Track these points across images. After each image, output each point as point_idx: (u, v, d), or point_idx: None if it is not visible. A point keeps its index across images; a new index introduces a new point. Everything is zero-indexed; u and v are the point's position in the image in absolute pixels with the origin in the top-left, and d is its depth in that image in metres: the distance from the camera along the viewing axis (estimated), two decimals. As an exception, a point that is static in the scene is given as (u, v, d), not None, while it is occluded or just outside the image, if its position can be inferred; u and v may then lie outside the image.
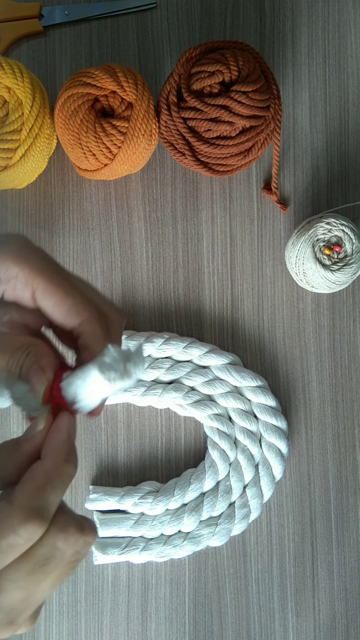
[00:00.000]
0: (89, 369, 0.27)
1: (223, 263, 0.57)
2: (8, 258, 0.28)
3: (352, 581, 0.56)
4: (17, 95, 0.49)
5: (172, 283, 0.57)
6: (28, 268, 0.29)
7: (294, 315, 0.57)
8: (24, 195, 0.57)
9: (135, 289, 0.57)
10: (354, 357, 0.57)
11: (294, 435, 0.57)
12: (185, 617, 0.56)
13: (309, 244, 0.52)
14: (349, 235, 0.51)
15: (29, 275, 0.29)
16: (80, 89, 0.49)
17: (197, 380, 0.55)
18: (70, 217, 0.57)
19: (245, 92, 0.49)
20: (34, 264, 0.29)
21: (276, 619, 0.56)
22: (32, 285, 0.29)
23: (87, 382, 0.28)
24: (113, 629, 0.55)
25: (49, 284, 0.29)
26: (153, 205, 0.57)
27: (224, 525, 0.54)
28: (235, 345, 0.57)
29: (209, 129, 0.50)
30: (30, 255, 0.29)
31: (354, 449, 0.57)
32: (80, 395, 0.28)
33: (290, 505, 0.57)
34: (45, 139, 0.51)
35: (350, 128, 0.58)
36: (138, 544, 0.54)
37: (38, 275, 0.29)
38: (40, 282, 0.29)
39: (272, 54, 0.58)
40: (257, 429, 0.55)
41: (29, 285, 0.29)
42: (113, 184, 0.57)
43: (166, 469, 0.57)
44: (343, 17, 0.58)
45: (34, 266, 0.29)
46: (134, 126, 0.49)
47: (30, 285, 0.29)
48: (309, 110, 0.58)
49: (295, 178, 0.58)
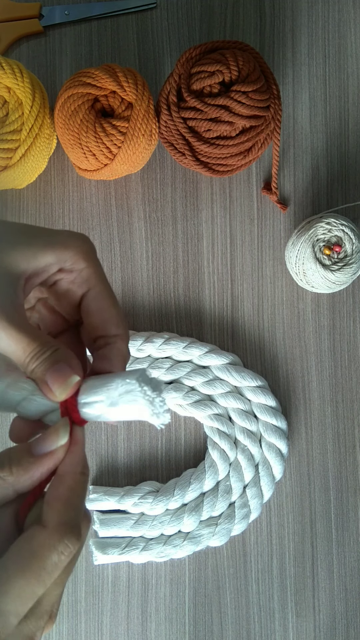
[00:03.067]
0: (124, 381, 0.27)
1: (223, 263, 0.57)
2: (80, 252, 0.30)
3: (352, 581, 0.56)
4: (17, 95, 0.49)
5: (172, 283, 0.57)
6: (93, 268, 0.31)
7: (294, 315, 0.57)
8: (24, 195, 0.57)
9: (135, 289, 0.57)
10: (354, 357, 0.57)
11: (294, 435, 0.57)
12: (185, 617, 0.56)
13: (309, 244, 0.52)
14: (349, 235, 0.51)
15: (92, 274, 0.30)
16: (80, 89, 0.49)
17: (197, 380, 0.55)
18: (70, 217, 0.57)
19: (245, 92, 0.49)
20: (98, 267, 0.31)
21: (276, 619, 0.56)
22: (90, 284, 0.31)
23: (116, 393, 0.27)
24: (113, 629, 0.55)
25: (104, 289, 0.31)
26: (153, 205, 0.57)
27: (224, 525, 0.54)
28: (235, 345, 0.57)
29: (209, 129, 0.50)
30: (96, 259, 0.31)
31: (354, 449, 0.57)
32: (103, 407, 0.27)
33: (290, 505, 0.57)
34: (45, 139, 0.51)
35: (350, 128, 0.58)
36: (138, 544, 0.54)
37: (99, 277, 0.31)
38: (99, 284, 0.31)
39: (272, 54, 0.58)
40: (257, 429, 0.55)
41: (86, 284, 0.31)
42: (113, 184, 0.57)
43: (166, 469, 0.57)
44: (343, 17, 0.58)
45: (98, 269, 0.31)
46: (134, 126, 0.49)
47: (88, 284, 0.31)
48: (309, 110, 0.58)
49: (295, 178, 0.58)
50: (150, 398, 0.27)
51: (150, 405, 0.26)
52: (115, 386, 0.27)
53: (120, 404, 0.27)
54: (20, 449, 0.28)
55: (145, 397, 0.26)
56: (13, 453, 0.27)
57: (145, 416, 0.27)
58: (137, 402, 0.27)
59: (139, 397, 0.26)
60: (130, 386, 0.27)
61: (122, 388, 0.27)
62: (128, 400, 0.27)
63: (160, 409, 0.27)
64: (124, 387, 0.27)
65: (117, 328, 0.31)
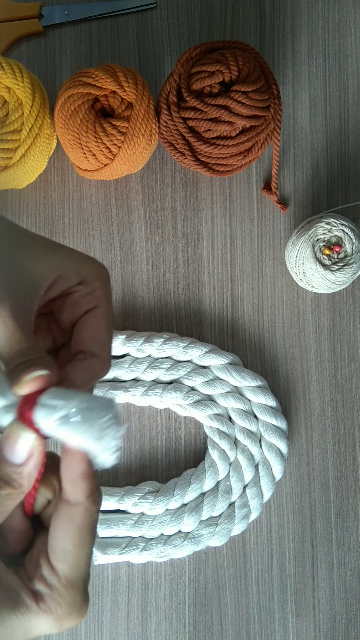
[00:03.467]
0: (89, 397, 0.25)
1: (223, 263, 0.57)
2: (98, 272, 0.31)
3: (352, 581, 0.56)
4: (17, 95, 0.49)
5: (172, 283, 0.57)
6: (106, 290, 0.31)
7: (294, 315, 0.57)
8: (24, 195, 0.57)
9: (135, 289, 0.57)
10: (354, 357, 0.57)
11: (294, 435, 0.57)
12: (185, 617, 0.56)
13: (309, 244, 0.52)
14: (349, 235, 0.51)
15: (103, 295, 0.31)
16: (80, 89, 0.49)
17: (197, 380, 0.55)
18: (70, 217, 0.57)
19: (245, 92, 0.49)
20: (110, 292, 0.32)
21: (276, 619, 0.56)
22: (98, 303, 0.31)
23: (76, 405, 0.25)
24: (113, 629, 0.55)
25: (107, 313, 0.31)
26: (153, 205, 0.57)
27: (224, 525, 0.54)
28: (235, 345, 0.57)
29: (209, 129, 0.50)
30: (107, 282, 0.32)
31: (354, 449, 0.57)
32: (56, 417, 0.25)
33: (290, 505, 0.57)
34: (45, 139, 0.51)
35: (350, 128, 0.58)
36: (138, 544, 0.54)
37: (108, 300, 0.31)
38: (105, 306, 0.31)
39: (272, 54, 0.58)
40: (257, 429, 0.55)
41: (95, 301, 0.31)
42: (113, 184, 0.57)
43: (166, 469, 0.57)
44: (343, 17, 0.58)
45: (109, 294, 0.32)
46: (134, 126, 0.49)
47: (97, 302, 0.31)
48: (309, 110, 0.58)
49: (295, 178, 0.58)
50: (107, 426, 0.25)
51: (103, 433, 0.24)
52: (80, 399, 0.25)
53: (73, 419, 0.25)
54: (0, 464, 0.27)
55: (103, 423, 0.24)
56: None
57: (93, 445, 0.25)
58: (92, 424, 0.24)
59: (96, 419, 0.24)
60: (93, 403, 0.25)
61: (85, 403, 0.25)
62: (84, 417, 0.25)
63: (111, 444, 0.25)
64: (88, 403, 0.25)
65: (102, 350, 0.31)
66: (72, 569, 0.27)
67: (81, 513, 0.27)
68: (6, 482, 0.27)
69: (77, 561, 0.27)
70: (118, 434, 0.25)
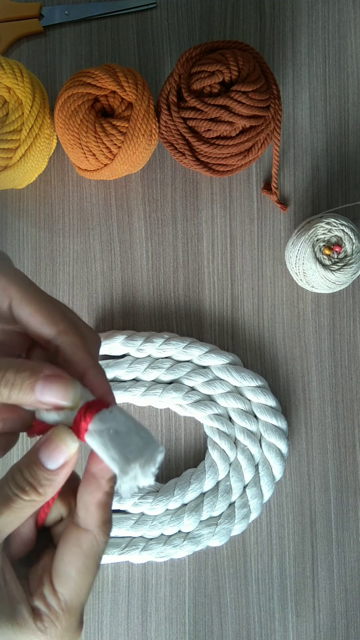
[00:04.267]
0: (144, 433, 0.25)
1: (223, 263, 0.57)
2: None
3: (352, 581, 0.56)
4: (17, 95, 0.49)
5: (172, 283, 0.57)
6: (5, 278, 0.29)
7: (294, 315, 0.57)
8: (24, 195, 0.57)
9: (135, 289, 0.57)
10: (354, 357, 0.57)
11: (294, 435, 0.57)
12: (185, 617, 0.56)
13: (309, 244, 0.52)
14: (349, 235, 0.51)
15: (6, 283, 0.29)
16: (80, 89, 0.49)
17: (197, 380, 0.55)
18: (70, 217, 0.57)
19: (245, 92, 0.49)
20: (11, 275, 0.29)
21: (276, 619, 0.56)
22: (9, 294, 0.29)
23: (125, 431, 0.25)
24: (113, 629, 0.55)
25: (25, 293, 0.29)
26: (153, 205, 0.57)
27: (224, 525, 0.54)
28: (235, 345, 0.57)
29: (209, 129, 0.50)
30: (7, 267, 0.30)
31: (354, 449, 0.57)
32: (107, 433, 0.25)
33: (290, 505, 0.57)
34: (45, 139, 0.51)
35: (350, 128, 0.58)
36: (138, 544, 0.54)
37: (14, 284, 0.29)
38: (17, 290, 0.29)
39: (272, 54, 0.58)
40: (257, 429, 0.55)
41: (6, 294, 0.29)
42: (113, 184, 0.57)
43: (166, 469, 0.57)
44: (343, 17, 0.58)
45: (11, 277, 0.29)
46: (134, 126, 0.49)
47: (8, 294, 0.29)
48: (309, 110, 0.58)
49: (295, 178, 0.58)
50: (147, 460, 0.24)
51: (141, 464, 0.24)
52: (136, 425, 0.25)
53: (119, 439, 0.25)
54: (31, 466, 0.26)
55: (145, 455, 0.24)
56: (26, 471, 0.26)
57: (124, 470, 0.24)
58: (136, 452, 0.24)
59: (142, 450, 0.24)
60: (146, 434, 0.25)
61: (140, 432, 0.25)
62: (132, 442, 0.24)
63: (139, 479, 0.24)
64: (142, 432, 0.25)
65: (57, 325, 0.28)
66: (73, 595, 0.27)
67: (89, 541, 0.27)
68: (34, 488, 0.26)
69: (78, 588, 0.27)
70: (151, 473, 0.25)
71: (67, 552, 0.27)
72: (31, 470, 0.26)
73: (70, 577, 0.27)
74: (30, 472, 0.26)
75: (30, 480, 0.26)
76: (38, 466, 0.26)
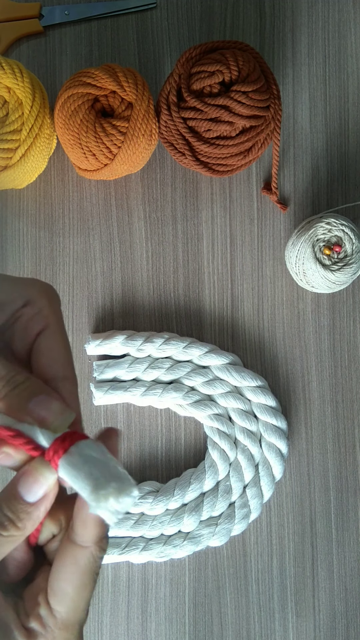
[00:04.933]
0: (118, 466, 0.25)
1: (223, 263, 0.57)
2: (44, 292, 0.30)
3: (352, 581, 0.56)
4: (17, 95, 0.49)
5: (172, 283, 0.57)
6: (54, 308, 0.30)
7: (294, 315, 0.57)
8: (24, 195, 0.57)
9: (135, 289, 0.57)
10: (354, 357, 0.57)
11: (294, 435, 0.57)
12: (185, 617, 0.56)
13: (309, 244, 0.52)
14: (349, 235, 0.51)
15: (52, 314, 0.30)
16: (80, 89, 0.49)
17: (197, 380, 0.55)
18: (70, 217, 0.57)
19: (245, 92, 0.49)
20: (59, 310, 0.31)
21: (276, 619, 0.56)
22: (48, 322, 0.30)
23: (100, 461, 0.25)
24: (113, 629, 0.55)
25: (59, 329, 0.30)
26: (153, 205, 0.57)
27: (224, 525, 0.54)
28: (235, 345, 0.57)
29: (209, 129, 0.50)
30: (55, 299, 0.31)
31: (354, 449, 0.57)
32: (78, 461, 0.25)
33: (290, 505, 0.57)
34: (45, 139, 0.51)
35: (350, 128, 0.58)
36: (138, 544, 0.54)
37: (57, 318, 0.30)
38: (56, 324, 0.30)
39: (272, 54, 0.58)
40: (257, 429, 0.55)
41: (44, 321, 0.30)
42: (113, 184, 0.57)
43: (166, 469, 0.57)
44: (343, 17, 0.58)
45: (58, 312, 0.30)
46: (134, 126, 0.49)
47: (46, 321, 0.30)
48: (309, 110, 0.58)
49: (295, 178, 0.58)
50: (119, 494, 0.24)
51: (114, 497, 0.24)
52: (112, 461, 0.25)
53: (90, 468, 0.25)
54: (11, 500, 0.26)
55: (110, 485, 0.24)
56: (4, 506, 0.26)
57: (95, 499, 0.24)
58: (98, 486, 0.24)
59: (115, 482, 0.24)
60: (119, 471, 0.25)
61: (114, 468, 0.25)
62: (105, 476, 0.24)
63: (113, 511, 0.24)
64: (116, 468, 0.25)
65: (65, 369, 0.29)
66: (70, 612, 0.27)
67: (86, 557, 0.26)
68: (12, 522, 0.26)
69: (75, 605, 0.27)
70: (123, 507, 0.24)
71: (64, 569, 0.27)
72: (10, 504, 0.26)
73: (66, 594, 0.26)
74: (9, 506, 0.26)
75: (9, 515, 0.26)
76: (17, 499, 0.26)
